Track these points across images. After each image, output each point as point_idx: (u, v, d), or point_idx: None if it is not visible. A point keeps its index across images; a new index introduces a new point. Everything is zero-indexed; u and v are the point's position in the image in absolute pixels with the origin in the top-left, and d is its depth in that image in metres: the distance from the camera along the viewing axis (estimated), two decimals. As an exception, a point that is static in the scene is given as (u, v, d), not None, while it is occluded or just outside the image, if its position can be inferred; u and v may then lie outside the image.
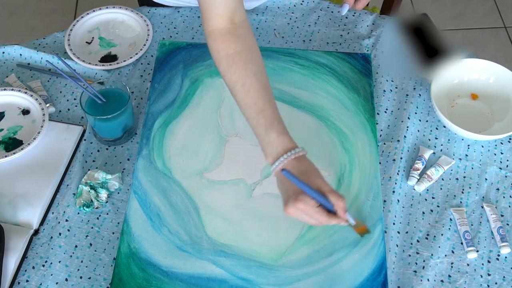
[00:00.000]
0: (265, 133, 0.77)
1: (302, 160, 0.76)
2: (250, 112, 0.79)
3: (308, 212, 0.73)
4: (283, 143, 0.76)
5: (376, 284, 0.79)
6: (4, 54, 1.05)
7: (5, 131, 0.94)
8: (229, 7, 0.81)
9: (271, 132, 0.77)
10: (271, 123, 0.77)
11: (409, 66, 1.05)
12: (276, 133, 0.77)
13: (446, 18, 2.15)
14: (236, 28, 0.82)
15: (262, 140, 0.78)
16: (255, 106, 0.78)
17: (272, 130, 0.77)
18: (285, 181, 0.75)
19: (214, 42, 0.82)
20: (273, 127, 0.77)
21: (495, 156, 0.94)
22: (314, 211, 0.72)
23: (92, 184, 0.87)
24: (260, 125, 0.78)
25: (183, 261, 0.81)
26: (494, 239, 0.86)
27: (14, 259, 0.80)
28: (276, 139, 0.76)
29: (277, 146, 0.76)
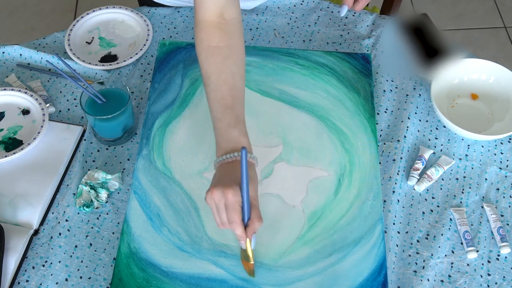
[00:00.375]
0: (226, 129, 0.77)
1: (252, 167, 0.75)
2: (217, 106, 0.79)
3: (229, 204, 0.71)
4: (241, 144, 0.76)
5: (376, 284, 0.79)
6: (4, 54, 1.05)
7: (5, 131, 0.94)
8: (221, 2, 0.82)
9: (234, 130, 0.77)
10: (236, 122, 0.78)
11: (409, 66, 1.05)
12: (238, 132, 0.77)
13: (446, 18, 2.15)
14: (224, 23, 0.83)
15: (221, 135, 0.78)
16: (223, 101, 0.79)
17: (235, 128, 0.77)
18: (227, 169, 0.74)
19: (200, 31, 0.83)
20: (236, 126, 0.77)
21: (495, 156, 0.94)
22: (235, 207, 0.71)
23: (92, 184, 0.87)
24: (223, 120, 0.78)
25: (183, 261, 0.81)
26: (494, 239, 0.86)
27: (14, 259, 0.80)
28: (236, 137, 0.76)
29: (235, 143, 0.76)
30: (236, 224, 0.72)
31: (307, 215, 0.85)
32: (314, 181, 0.88)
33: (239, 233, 0.73)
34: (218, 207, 0.72)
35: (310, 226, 0.84)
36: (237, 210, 0.71)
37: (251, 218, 0.73)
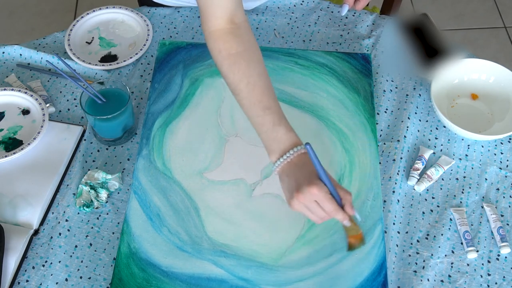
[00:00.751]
0: (272, 129, 0.77)
1: (306, 157, 0.75)
2: (255, 110, 0.78)
3: (320, 198, 0.72)
4: (291, 139, 0.76)
5: (376, 284, 0.79)
6: (4, 54, 1.05)
7: (5, 131, 0.94)
8: (229, 8, 0.81)
9: (280, 128, 0.76)
10: (279, 120, 0.77)
11: (409, 66, 1.05)
12: (284, 129, 0.76)
13: (446, 18, 2.15)
14: (236, 28, 0.82)
15: (268, 137, 0.77)
16: (261, 104, 0.78)
17: (280, 126, 0.77)
18: (292, 170, 0.74)
19: (215, 42, 0.81)
20: (281, 124, 0.77)
21: (495, 156, 0.94)
22: (327, 198, 0.72)
23: (92, 184, 0.87)
24: (266, 122, 0.77)
25: (183, 261, 0.81)
26: (494, 239, 0.86)
27: (14, 259, 0.80)
28: (285, 134, 0.76)
29: (285, 141, 0.76)
30: (335, 211, 0.73)
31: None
32: (314, 181, 0.88)
33: (341, 216, 0.74)
34: (311, 208, 0.73)
35: (310, 226, 0.84)
36: (330, 199, 0.72)
37: (341, 196, 0.73)
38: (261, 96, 0.78)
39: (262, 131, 0.78)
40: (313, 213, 0.74)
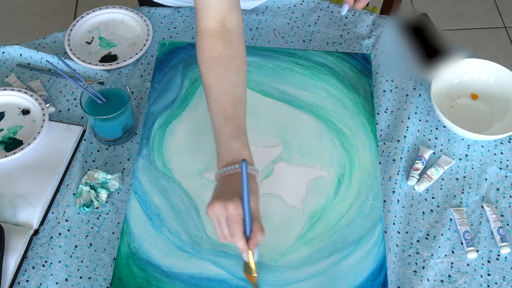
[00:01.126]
0: (228, 140, 0.76)
1: (253, 179, 0.74)
2: (217, 117, 0.78)
3: (231, 217, 0.70)
4: (242, 156, 0.75)
5: (376, 284, 0.79)
6: (4, 54, 1.05)
7: (5, 131, 0.94)
8: (222, 10, 0.81)
9: (235, 142, 0.76)
10: (237, 133, 0.76)
11: (409, 66, 1.05)
12: (240, 144, 0.76)
13: (446, 18, 2.15)
14: (226, 32, 0.82)
15: (222, 146, 0.76)
16: (225, 112, 0.78)
17: (236, 140, 0.76)
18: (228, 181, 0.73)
19: (201, 41, 0.82)
20: (238, 137, 0.76)
21: (495, 156, 0.94)
22: (236, 220, 0.70)
23: (92, 184, 0.87)
24: (224, 132, 0.77)
25: (183, 261, 0.81)
26: (494, 239, 0.86)
27: (14, 259, 0.80)
28: (238, 149, 0.75)
29: (236, 156, 0.75)
30: (237, 237, 0.71)
31: (307, 215, 0.85)
32: (314, 181, 0.88)
33: (241, 246, 0.72)
34: (220, 220, 0.71)
35: (310, 226, 0.84)
36: (238, 223, 0.70)
37: (253, 230, 0.72)
38: (228, 105, 0.78)
39: (219, 138, 0.77)
40: (219, 227, 0.72)
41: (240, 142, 0.76)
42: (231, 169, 0.74)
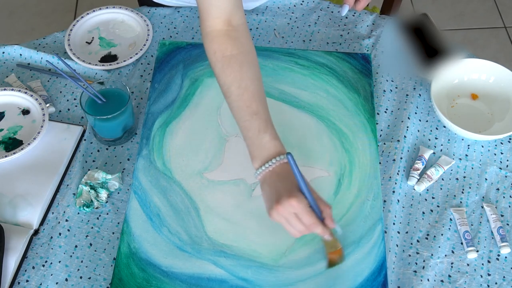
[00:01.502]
0: (257, 135, 0.76)
1: (289, 167, 0.75)
2: (242, 115, 0.78)
3: (299, 211, 0.71)
4: (275, 147, 0.76)
5: (376, 284, 0.79)
6: (4, 54, 1.05)
7: (5, 131, 0.94)
8: (227, 9, 0.81)
9: (265, 135, 0.76)
10: (265, 126, 0.77)
11: (409, 66, 1.05)
12: (269, 137, 0.76)
13: (446, 18, 2.15)
14: (233, 30, 0.82)
15: (252, 143, 0.77)
16: (249, 109, 0.78)
17: (266, 133, 0.76)
18: (274, 178, 0.74)
19: (211, 43, 0.82)
20: (267, 130, 0.77)
21: (495, 156, 0.94)
22: (306, 211, 0.72)
23: (92, 184, 0.87)
24: (252, 128, 0.77)
25: (183, 261, 0.81)
26: (494, 239, 0.86)
27: (14, 259, 0.80)
28: (269, 142, 0.76)
29: (269, 149, 0.76)
30: (314, 225, 0.73)
31: (307, 215, 0.85)
32: (314, 181, 0.88)
33: (320, 230, 0.74)
34: (290, 220, 0.73)
35: (310, 226, 0.84)
36: (309, 213, 0.72)
37: (321, 209, 0.73)
38: (251, 101, 0.78)
39: (248, 136, 0.78)
40: (291, 226, 0.73)
41: (269, 134, 0.77)
42: (270, 165, 0.75)
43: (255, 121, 0.77)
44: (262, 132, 0.76)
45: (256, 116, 0.78)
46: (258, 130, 0.77)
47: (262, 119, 0.78)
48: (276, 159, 0.75)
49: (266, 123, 0.77)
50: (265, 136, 0.76)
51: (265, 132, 0.76)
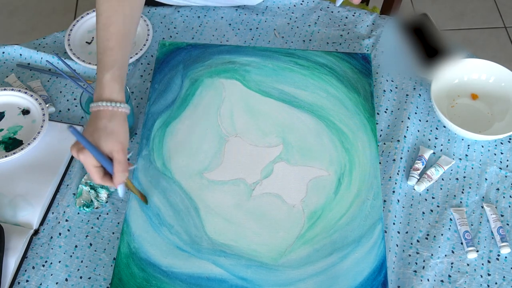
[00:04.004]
0: (101, 71, 0.78)
1: (116, 118, 0.77)
2: (99, 46, 0.79)
3: (85, 166, 0.74)
4: (111, 90, 0.77)
5: (376, 284, 0.79)
6: (4, 54, 1.05)
7: (5, 131, 0.94)
8: None
9: (106, 74, 0.77)
10: (112, 66, 0.78)
11: (409, 66, 1.05)
12: (110, 77, 0.77)
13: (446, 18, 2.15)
14: None
15: (97, 78, 0.79)
16: (107, 43, 0.79)
17: (108, 72, 0.77)
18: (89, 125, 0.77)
19: None
20: (111, 70, 0.77)
21: (495, 156, 0.94)
22: (90, 169, 0.74)
23: (92, 184, 0.87)
24: (101, 62, 0.78)
25: (183, 261, 0.81)
26: (494, 239, 0.86)
27: (14, 259, 0.80)
28: (107, 82, 0.77)
29: (104, 89, 0.77)
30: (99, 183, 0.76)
31: (307, 214, 0.85)
32: (314, 181, 0.88)
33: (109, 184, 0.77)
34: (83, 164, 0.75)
35: (310, 225, 0.84)
36: (92, 172, 0.75)
37: (114, 172, 0.75)
38: (112, 36, 0.79)
39: (97, 69, 0.79)
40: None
41: (111, 75, 0.77)
42: (95, 106, 0.77)
43: (106, 57, 0.78)
44: (105, 71, 0.77)
45: (110, 52, 0.78)
46: (104, 66, 0.78)
47: (112, 57, 0.78)
48: (102, 104, 0.76)
49: (114, 64, 0.78)
50: (106, 75, 0.77)
51: (107, 71, 0.77)
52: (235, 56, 1.02)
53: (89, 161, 0.73)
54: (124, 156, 0.76)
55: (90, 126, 0.76)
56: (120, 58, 0.79)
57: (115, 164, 0.75)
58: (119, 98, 0.78)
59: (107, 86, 0.77)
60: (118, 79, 0.78)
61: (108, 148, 0.74)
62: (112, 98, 0.77)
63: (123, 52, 0.80)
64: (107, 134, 0.75)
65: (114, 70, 0.77)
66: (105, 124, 0.75)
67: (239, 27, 1.10)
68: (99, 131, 0.75)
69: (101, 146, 0.74)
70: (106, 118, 0.76)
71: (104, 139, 0.74)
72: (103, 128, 0.75)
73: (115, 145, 0.75)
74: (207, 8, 1.13)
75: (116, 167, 0.75)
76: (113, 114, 0.76)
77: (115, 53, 0.78)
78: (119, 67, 0.78)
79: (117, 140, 0.75)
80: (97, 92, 0.78)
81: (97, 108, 0.76)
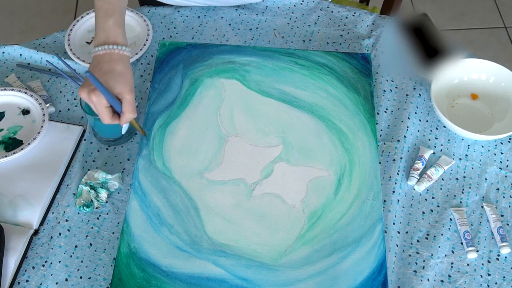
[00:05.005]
0: (104, 18, 0.81)
1: (123, 61, 0.80)
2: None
3: (95, 106, 0.77)
4: (115, 34, 0.80)
5: (376, 284, 0.79)
6: (4, 54, 1.05)
7: (5, 131, 0.94)
8: None
9: (109, 20, 0.80)
10: (113, 12, 0.81)
11: (409, 66, 1.05)
12: (113, 23, 0.80)
13: (446, 18, 2.15)
14: None
15: (98, 24, 0.81)
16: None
17: (111, 18, 0.81)
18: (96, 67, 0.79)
19: None
20: (113, 17, 0.81)
21: (495, 156, 0.94)
22: (101, 109, 0.78)
23: (92, 184, 0.87)
24: (102, 9, 0.81)
25: (183, 261, 0.81)
26: (494, 239, 0.86)
27: (14, 259, 0.80)
28: (111, 27, 0.80)
29: (108, 33, 0.80)
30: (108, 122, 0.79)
31: (307, 214, 0.85)
32: (314, 181, 0.88)
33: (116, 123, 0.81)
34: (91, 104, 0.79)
35: (310, 225, 0.84)
36: (103, 112, 0.78)
37: (122, 111, 0.79)
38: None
39: (96, 16, 0.82)
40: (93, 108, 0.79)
41: (114, 20, 0.81)
42: (100, 50, 0.79)
43: (106, 4, 0.81)
44: (108, 17, 0.81)
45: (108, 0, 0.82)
46: (106, 13, 0.81)
47: (112, 4, 0.81)
48: (108, 47, 0.79)
49: (114, 10, 0.81)
50: (109, 20, 0.80)
51: (110, 17, 0.81)
52: (235, 56, 1.02)
53: (101, 101, 0.77)
54: (133, 97, 0.79)
55: (96, 69, 0.79)
56: (119, 5, 0.82)
57: (124, 104, 0.79)
58: (124, 42, 0.81)
59: (112, 31, 0.80)
60: (121, 24, 0.81)
61: (117, 90, 0.78)
62: (117, 42, 0.80)
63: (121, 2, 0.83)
64: (116, 76, 0.78)
65: (116, 16, 0.81)
66: (113, 67, 0.79)
67: (239, 27, 1.10)
68: (108, 73, 0.78)
69: (111, 87, 0.77)
70: (114, 61, 0.79)
71: (114, 81, 0.78)
72: (111, 71, 0.78)
73: (124, 87, 0.78)
74: (207, 8, 1.13)
75: (125, 107, 0.79)
76: (120, 57, 0.80)
77: (113, 2, 0.82)
78: (120, 13, 0.82)
79: (125, 82, 0.79)
80: (100, 37, 0.80)
81: (103, 51, 0.79)
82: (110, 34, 0.81)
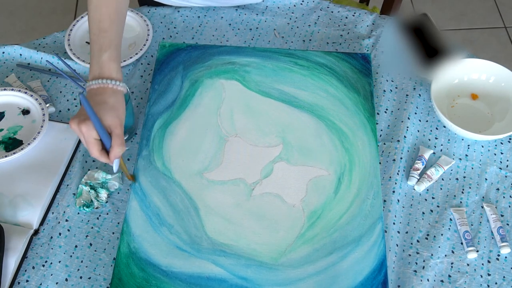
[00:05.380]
0: (98, 52, 0.80)
1: (116, 95, 0.79)
2: (93, 27, 0.82)
3: (85, 138, 0.75)
4: (110, 69, 0.79)
5: (377, 283, 0.79)
6: (4, 54, 1.05)
7: (5, 131, 0.94)
8: None
9: (104, 54, 0.80)
10: (108, 46, 0.80)
11: (409, 66, 1.05)
12: (108, 57, 0.80)
13: (446, 18, 2.15)
14: None
15: (93, 57, 0.81)
16: (100, 23, 0.81)
17: (105, 52, 0.80)
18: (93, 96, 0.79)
19: None
20: (108, 50, 0.80)
21: (495, 156, 0.94)
22: (90, 141, 0.76)
23: (92, 184, 0.87)
24: (96, 43, 0.81)
25: (182, 261, 0.81)
26: (494, 239, 0.86)
27: (14, 259, 0.80)
28: (105, 62, 0.80)
29: (102, 68, 0.79)
30: (96, 156, 0.77)
31: (307, 214, 0.85)
32: (314, 180, 0.88)
33: (105, 161, 0.78)
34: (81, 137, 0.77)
35: (310, 225, 0.84)
36: (91, 143, 0.76)
37: (111, 145, 0.77)
38: (105, 18, 0.81)
39: (91, 49, 0.81)
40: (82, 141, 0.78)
41: (108, 54, 0.80)
42: (96, 83, 0.79)
43: (101, 38, 0.81)
44: (103, 51, 0.80)
45: (104, 34, 0.81)
46: (100, 47, 0.80)
47: (107, 38, 0.81)
48: (102, 81, 0.79)
49: (110, 44, 0.80)
50: (104, 55, 0.80)
51: (105, 51, 0.80)
52: (235, 57, 1.02)
53: (90, 133, 0.75)
54: (122, 131, 0.78)
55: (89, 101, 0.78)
56: (115, 39, 0.82)
57: (114, 137, 0.77)
58: (118, 77, 0.81)
59: (106, 65, 0.80)
60: (116, 59, 0.81)
61: (108, 122, 0.76)
62: (112, 76, 0.80)
63: (118, 32, 0.82)
64: (108, 108, 0.77)
65: (111, 51, 0.80)
66: (106, 99, 0.78)
67: (239, 27, 1.10)
68: (100, 105, 0.77)
69: (102, 119, 0.76)
70: (107, 94, 0.78)
71: (105, 113, 0.76)
72: (104, 103, 0.77)
73: (115, 120, 0.77)
74: (207, 8, 1.13)
75: (115, 140, 0.77)
76: (114, 91, 0.79)
77: (110, 34, 0.81)
78: (115, 47, 0.81)
79: (116, 115, 0.78)
80: (95, 71, 0.80)
81: (97, 85, 0.79)
82: (104, 69, 0.80)
